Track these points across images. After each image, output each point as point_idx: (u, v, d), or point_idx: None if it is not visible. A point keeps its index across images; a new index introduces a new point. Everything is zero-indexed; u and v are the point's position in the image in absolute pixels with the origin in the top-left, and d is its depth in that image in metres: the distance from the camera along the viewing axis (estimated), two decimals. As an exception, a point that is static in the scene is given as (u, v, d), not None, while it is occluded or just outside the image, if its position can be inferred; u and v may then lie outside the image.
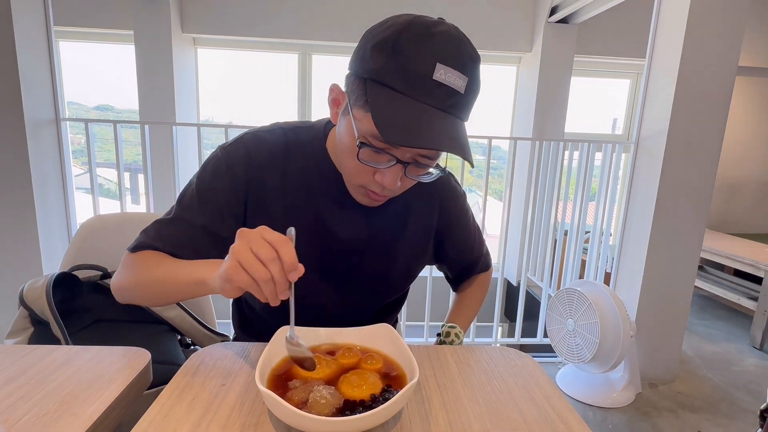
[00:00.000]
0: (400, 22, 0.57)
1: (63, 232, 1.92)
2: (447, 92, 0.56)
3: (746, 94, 3.57)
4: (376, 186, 0.63)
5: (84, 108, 3.24)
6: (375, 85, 0.56)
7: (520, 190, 2.95)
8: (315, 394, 0.51)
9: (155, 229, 0.69)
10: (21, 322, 0.96)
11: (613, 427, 1.79)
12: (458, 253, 0.89)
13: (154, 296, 0.67)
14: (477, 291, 0.96)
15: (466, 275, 0.96)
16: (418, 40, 0.55)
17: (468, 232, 0.88)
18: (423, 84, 0.55)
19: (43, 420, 0.49)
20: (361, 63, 0.59)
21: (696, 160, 1.90)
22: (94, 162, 1.95)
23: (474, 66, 0.58)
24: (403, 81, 0.55)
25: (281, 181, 0.71)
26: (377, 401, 0.51)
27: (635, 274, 2.06)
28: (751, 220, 3.78)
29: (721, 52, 1.81)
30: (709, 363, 2.37)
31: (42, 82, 1.78)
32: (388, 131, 0.54)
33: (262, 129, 0.74)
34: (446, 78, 0.55)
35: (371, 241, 0.75)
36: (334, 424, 0.45)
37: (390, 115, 0.55)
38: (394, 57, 0.55)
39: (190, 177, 0.74)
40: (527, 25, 2.99)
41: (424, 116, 0.55)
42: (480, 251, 0.94)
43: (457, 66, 0.55)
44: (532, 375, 0.64)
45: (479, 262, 0.95)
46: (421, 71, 0.54)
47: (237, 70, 3.22)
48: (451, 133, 0.56)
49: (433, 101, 0.55)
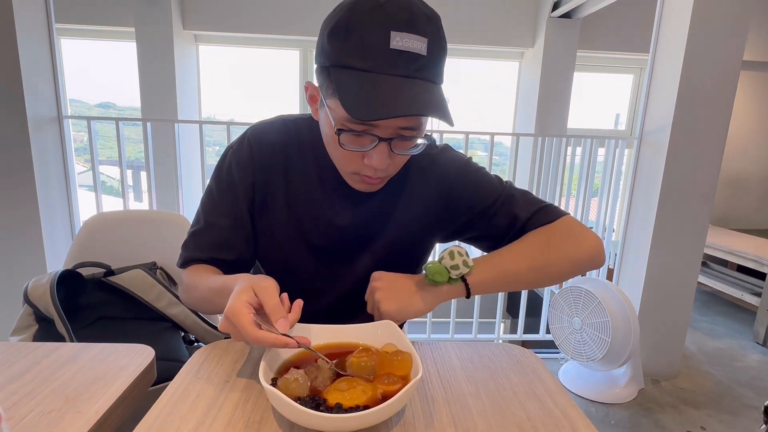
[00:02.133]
0: (348, 2, 0.57)
1: (66, 229, 1.93)
2: (409, 58, 0.55)
3: (751, 89, 3.55)
4: (368, 169, 0.63)
5: (86, 106, 3.25)
6: (338, 70, 0.57)
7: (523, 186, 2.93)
8: (291, 374, 0.51)
9: (193, 241, 0.74)
10: (25, 319, 0.96)
11: (616, 423, 1.79)
12: (482, 216, 0.75)
13: (209, 310, 0.73)
14: (538, 236, 0.73)
15: (514, 234, 0.75)
16: (367, 14, 0.55)
17: (480, 187, 0.75)
18: (382, 56, 0.55)
19: (47, 417, 0.49)
20: (322, 53, 0.60)
21: (700, 156, 1.89)
22: (96, 159, 1.95)
23: (431, 24, 0.57)
24: (363, 58, 0.55)
25: (284, 175, 0.73)
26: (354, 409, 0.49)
27: (638, 270, 2.06)
28: (754, 216, 3.76)
29: (725, 47, 1.79)
30: (711, 359, 2.36)
31: (44, 80, 1.78)
32: (357, 109, 0.54)
33: (264, 123, 0.76)
34: (404, 44, 0.54)
35: (374, 228, 0.75)
36: (337, 420, 0.46)
37: (356, 94, 0.55)
38: (348, 38, 0.55)
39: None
40: (530, 21, 2.97)
41: (391, 87, 0.55)
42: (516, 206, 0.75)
43: (412, 29, 0.55)
44: (535, 371, 0.64)
45: (526, 218, 0.74)
46: (376, 44, 0.54)
47: (238, 67, 3.21)
48: (423, 97, 0.56)
49: (398, 70, 0.55)
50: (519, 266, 0.71)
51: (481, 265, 0.69)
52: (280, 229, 0.74)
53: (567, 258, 0.72)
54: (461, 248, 0.67)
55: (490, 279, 0.70)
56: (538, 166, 2.30)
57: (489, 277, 0.70)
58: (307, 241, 0.74)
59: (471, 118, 3.37)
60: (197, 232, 0.73)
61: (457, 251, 0.66)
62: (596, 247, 0.74)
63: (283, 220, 0.74)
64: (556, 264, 0.72)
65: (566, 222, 0.75)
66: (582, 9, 2.70)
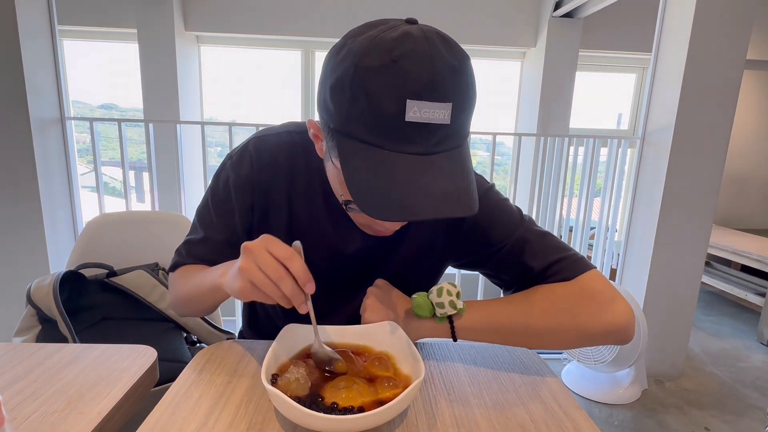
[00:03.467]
0: (355, 51, 0.46)
1: (69, 230, 1.93)
2: (428, 132, 0.46)
3: (754, 88, 3.53)
4: (380, 226, 0.60)
5: (88, 107, 3.25)
6: (342, 138, 0.48)
7: (525, 186, 2.93)
8: (290, 374, 0.51)
9: (186, 249, 0.72)
10: (28, 320, 0.97)
11: (619, 424, 1.78)
12: (490, 259, 0.69)
13: (196, 308, 0.71)
14: (547, 293, 0.64)
15: (525, 283, 0.67)
16: (377, 73, 0.45)
17: (495, 223, 0.67)
18: (395, 130, 0.45)
19: (50, 418, 0.49)
20: (324, 107, 0.50)
21: (703, 155, 1.88)
22: (99, 161, 1.96)
23: (457, 79, 0.46)
24: (372, 131, 0.46)
25: (287, 196, 0.68)
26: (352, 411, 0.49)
27: (641, 270, 2.05)
28: (758, 215, 3.74)
29: (728, 45, 1.78)
30: (715, 359, 2.35)
31: (46, 81, 1.78)
32: (364, 203, 0.46)
33: (268, 133, 0.69)
34: (422, 115, 0.45)
35: (380, 258, 0.72)
36: (340, 422, 0.45)
37: (364, 180, 0.47)
38: (354, 101, 0.46)
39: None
40: (531, 20, 2.97)
41: (405, 172, 0.46)
42: (546, 252, 0.65)
43: (433, 95, 0.44)
44: (538, 372, 0.64)
45: (540, 269, 0.65)
46: (389, 115, 0.45)
47: (240, 68, 3.22)
48: (441, 187, 0.47)
49: (414, 147, 0.46)
50: (514, 323, 0.63)
51: (472, 310, 0.64)
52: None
53: (577, 329, 0.61)
54: (454, 287, 0.62)
55: (479, 328, 0.64)
56: (540, 166, 2.30)
57: (478, 326, 0.64)
58: (308, 267, 0.69)
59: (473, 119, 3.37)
60: (192, 242, 0.71)
61: (447, 290, 0.61)
62: (622, 320, 0.61)
63: (282, 234, 0.68)
64: (561, 333, 0.62)
65: (588, 282, 0.63)
66: (584, 8, 2.69)
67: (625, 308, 0.62)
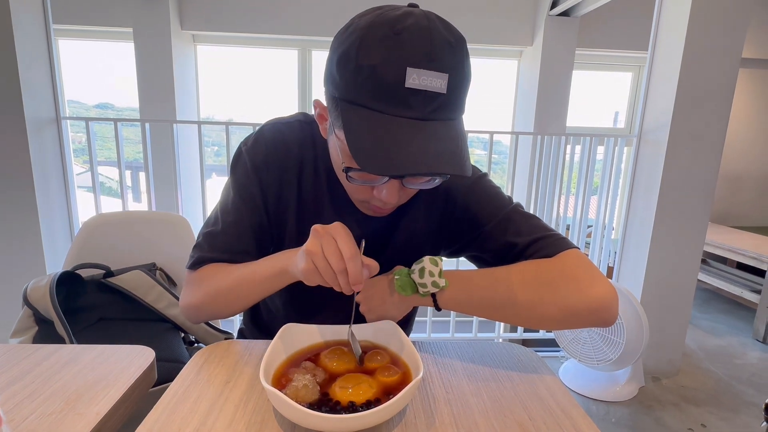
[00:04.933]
0: (361, 26, 0.51)
1: (65, 231, 1.92)
2: (426, 98, 0.50)
3: (749, 86, 3.55)
4: (378, 201, 0.60)
5: (84, 106, 3.24)
6: (346, 105, 0.52)
7: (522, 184, 2.94)
8: (297, 381, 0.52)
9: (207, 242, 0.70)
10: (25, 321, 0.96)
11: (617, 421, 1.79)
12: (477, 238, 0.71)
13: (231, 303, 0.68)
14: (530, 266, 0.64)
15: (508, 261, 0.68)
16: (381, 44, 0.49)
17: (487, 205, 0.70)
18: (396, 96, 0.49)
19: (48, 419, 0.49)
20: (330, 80, 0.55)
21: (699, 153, 1.89)
22: (95, 160, 1.95)
23: (454, 54, 0.51)
24: (374, 97, 0.50)
25: (297, 179, 0.70)
26: (367, 405, 0.50)
27: (638, 268, 2.06)
28: (754, 213, 3.76)
29: (724, 44, 1.79)
30: (712, 356, 2.37)
31: (42, 81, 1.77)
32: (365, 160, 0.50)
33: (281, 121, 0.72)
34: (421, 82, 0.49)
35: (381, 247, 0.73)
36: (338, 421, 0.45)
37: (365, 140, 0.50)
38: (359, 71, 0.50)
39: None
40: (528, 19, 2.97)
41: (403, 134, 0.50)
42: (527, 231, 0.68)
43: (431, 65, 0.49)
44: (536, 370, 0.64)
45: (523, 245, 0.67)
46: (390, 81, 0.49)
47: (237, 67, 3.21)
48: (436, 148, 0.50)
49: (412, 112, 0.50)
50: (498, 296, 0.63)
51: (456, 283, 0.64)
52: (290, 242, 0.71)
53: (558, 303, 0.61)
54: (436, 265, 0.62)
55: (463, 302, 0.65)
56: (537, 165, 2.30)
57: (462, 299, 0.64)
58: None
59: (470, 117, 3.36)
60: (213, 233, 0.70)
61: (429, 270, 0.61)
62: (603, 298, 0.61)
63: (293, 233, 0.71)
64: (543, 306, 0.62)
65: (570, 258, 0.64)
66: (580, 7, 2.70)
67: (607, 286, 0.62)
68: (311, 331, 0.64)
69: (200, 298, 0.68)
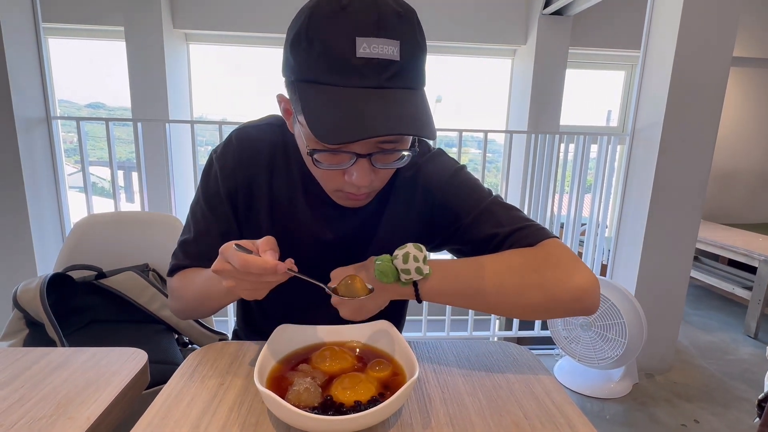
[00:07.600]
0: (309, 6, 0.52)
1: (56, 232, 1.90)
2: (378, 66, 0.49)
3: (740, 85, 3.58)
4: (350, 186, 0.59)
5: (75, 106, 3.20)
6: (303, 85, 0.53)
7: (516, 183, 2.95)
8: (298, 385, 0.51)
9: (182, 250, 0.72)
10: (15, 324, 0.95)
11: (611, 418, 1.80)
12: (458, 230, 0.70)
13: (203, 309, 0.70)
14: (513, 255, 0.64)
15: (489, 251, 0.67)
16: (328, 19, 0.49)
17: (467, 198, 0.69)
18: (348, 66, 0.49)
19: (39, 424, 0.48)
20: (286, 65, 0.55)
21: (691, 151, 1.91)
22: (86, 161, 1.93)
23: (403, 23, 0.51)
24: (327, 71, 0.50)
25: (268, 181, 0.70)
26: (372, 403, 0.50)
27: (631, 265, 2.07)
28: (745, 210, 3.80)
29: (715, 43, 1.81)
30: (704, 352, 2.39)
31: (31, 80, 1.75)
32: (322, 132, 0.49)
33: (250, 125, 0.72)
34: (372, 50, 0.49)
35: (360, 243, 0.72)
36: (334, 423, 0.45)
37: (322, 113, 0.50)
38: (310, 48, 0.50)
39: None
40: (521, 18, 2.98)
41: (359, 102, 0.50)
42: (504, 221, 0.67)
43: (380, 33, 0.49)
44: (531, 369, 0.64)
45: (504, 235, 0.66)
46: (341, 53, 0.49)
47: (230, 66, 3.19)
48: (395, 112, 0.50)
49: (368, 81, 0.50)
50: (483, 284, 0.61)
51: (439, 272, 0.61)
52: (261, 230, 0.71)
53: (543, 288, 0.61)
54: (420, 251, 0.59)
55: (448, 291, 0.62)
56: (531, 163, 2.31)
57: (446, 288, 0.62)
58: (289, 256, 0.66)
59: (464, 116, 3.37)
60: (187, 242, 0.71)
61: (414, 255, 0.58)
62: (585, 286, 0.61)
63: (266, 232, 0.69)
64: (529, 293, 0.61)
65: (552, 247, 0.64)
66: (573, 6, 2.71)
67: (590, 274, 0.62)
68: (305, 332, 0.63)
69: (179, 304, 0.71)
